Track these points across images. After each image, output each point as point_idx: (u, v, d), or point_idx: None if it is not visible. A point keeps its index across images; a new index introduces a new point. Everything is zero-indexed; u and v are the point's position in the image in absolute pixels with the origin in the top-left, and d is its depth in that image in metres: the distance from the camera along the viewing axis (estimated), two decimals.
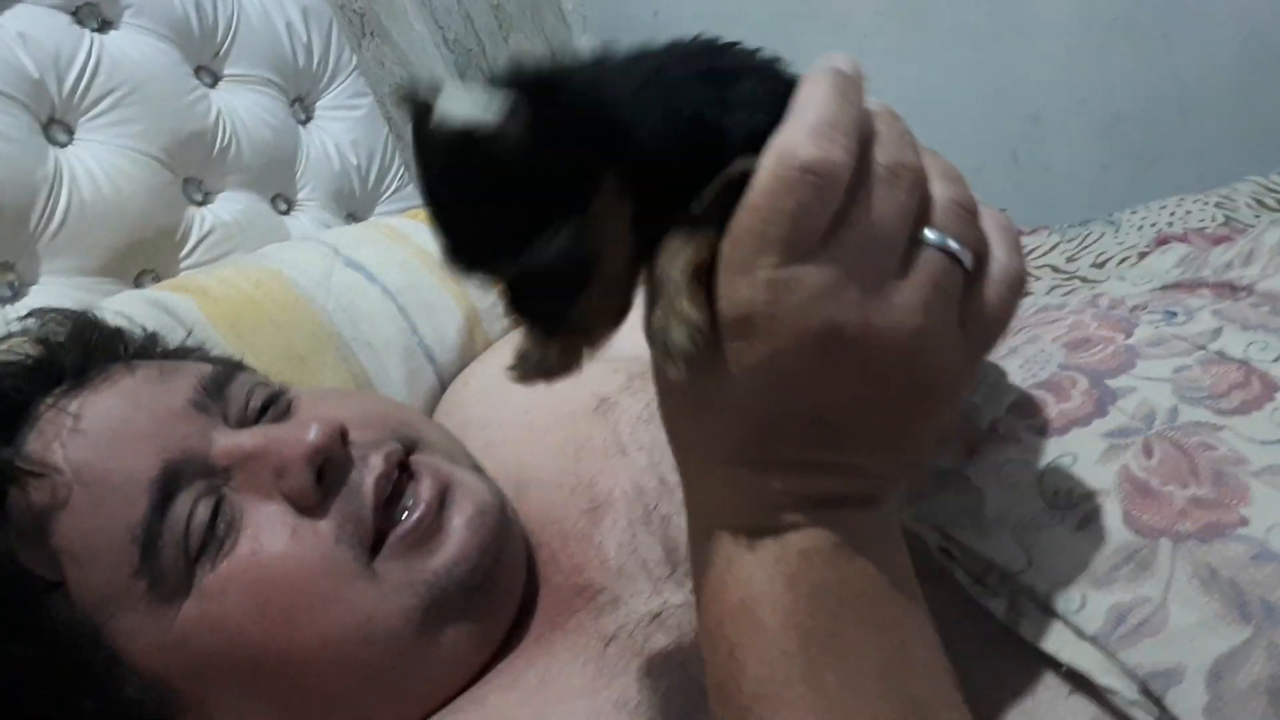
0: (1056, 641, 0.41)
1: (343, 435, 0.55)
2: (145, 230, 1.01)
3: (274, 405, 0.59)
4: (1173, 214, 1.02)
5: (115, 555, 0.50)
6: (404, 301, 0.90)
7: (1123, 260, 0.90)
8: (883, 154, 0.35)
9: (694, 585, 0.40)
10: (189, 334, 0.75)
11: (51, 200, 0.94)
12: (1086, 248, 1.00)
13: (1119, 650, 0.39)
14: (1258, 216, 0.98)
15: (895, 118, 0.37)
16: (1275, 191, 1.04)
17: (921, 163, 0.36)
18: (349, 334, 0.86)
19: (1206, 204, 1.02)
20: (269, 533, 0.52)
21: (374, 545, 0.54)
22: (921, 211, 0.36)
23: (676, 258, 0.34)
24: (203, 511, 0.52)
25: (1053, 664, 0.41)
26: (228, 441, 0.55)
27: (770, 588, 0.36)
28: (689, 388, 0.36)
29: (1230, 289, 0.54)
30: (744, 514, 0.38)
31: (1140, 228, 1.01)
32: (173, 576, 0.51)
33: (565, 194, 0.33)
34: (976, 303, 0.37)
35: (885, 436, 0.37)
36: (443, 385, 0.89)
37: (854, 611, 0.37)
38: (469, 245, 0.34)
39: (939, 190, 0.36)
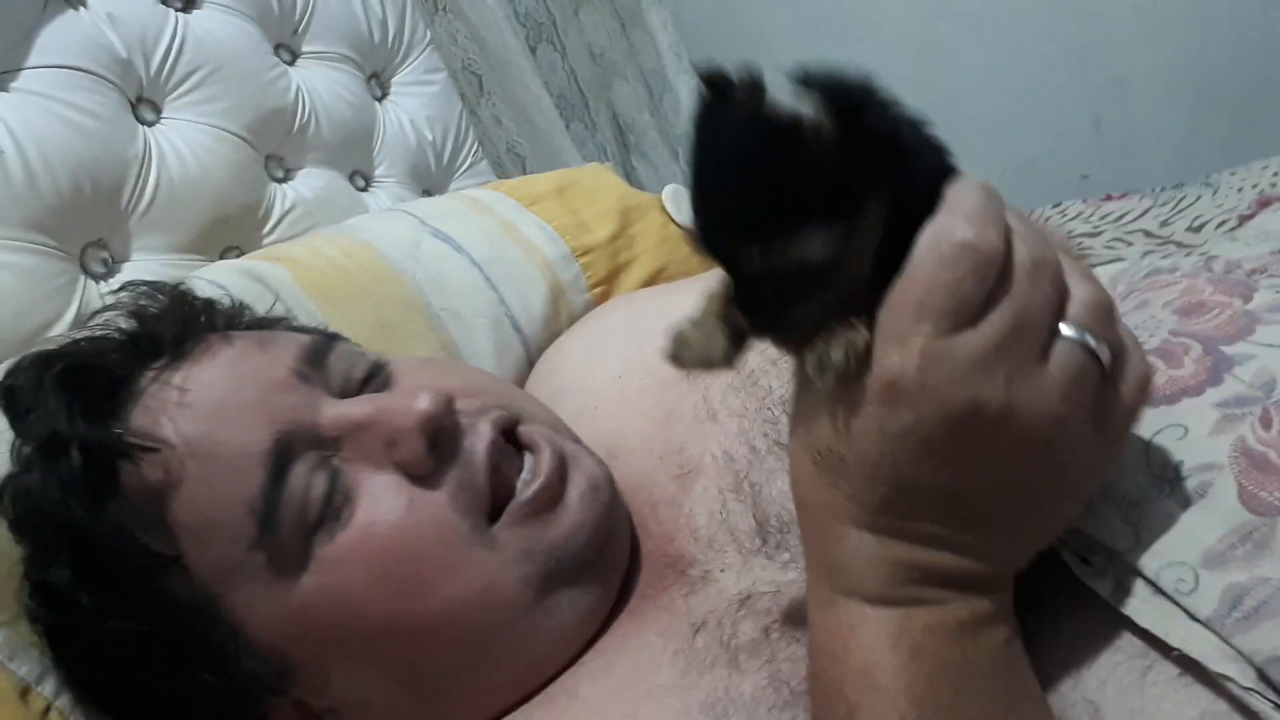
0: (1167, 625, 0.39)
1: (450, 404, 0.55)
2: (230, 207, 1.02)
3: (375, 377, 0.59)
4: (1276, 174, 0.97)
5: (233, 529, 0.50)
6: (491, 272, 0.90)
7: (1221, 224, 0.86)
8: (1024, 248, 0.37)
9: (811, 648, 0.42)
10: (275, 302, 0.76)
11: (141, 178, 0.96)
12: (1181, 211, 0.95)
13: (1234, 634, 0.38)
14: None
15: (1029, 221, 0.38)
16: None
17: (1059, 260, 0.38)
18: (438, 304, 0.86)
19: None
20: (385, 503, 0.52)
21: (491, 513, 0.54)
22: (1061, 305, 0.37)
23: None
24: (320, 483, 0.52)
25: (1163, 648, 0.39)
26: (335, 411, 0.55)
27: (895, 657, 0.38)
28: (829, 451, 0.38)
29: None
30: (869, 582, 0.39)
31: (1240, 189, 0.96)
32: (291, 548, 0.51)
33: (841, 199, 0.35)
34: (1110, 400, 0.38)
35: (1013, 522, 0.39)
36: (529, 356, 0.89)
37: (973, 689, 0.38)
38: (732, 225, 0.36)
39: (1079, 289, 0.38)
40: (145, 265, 0.96)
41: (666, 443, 0.62)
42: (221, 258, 1.01)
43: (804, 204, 0.35)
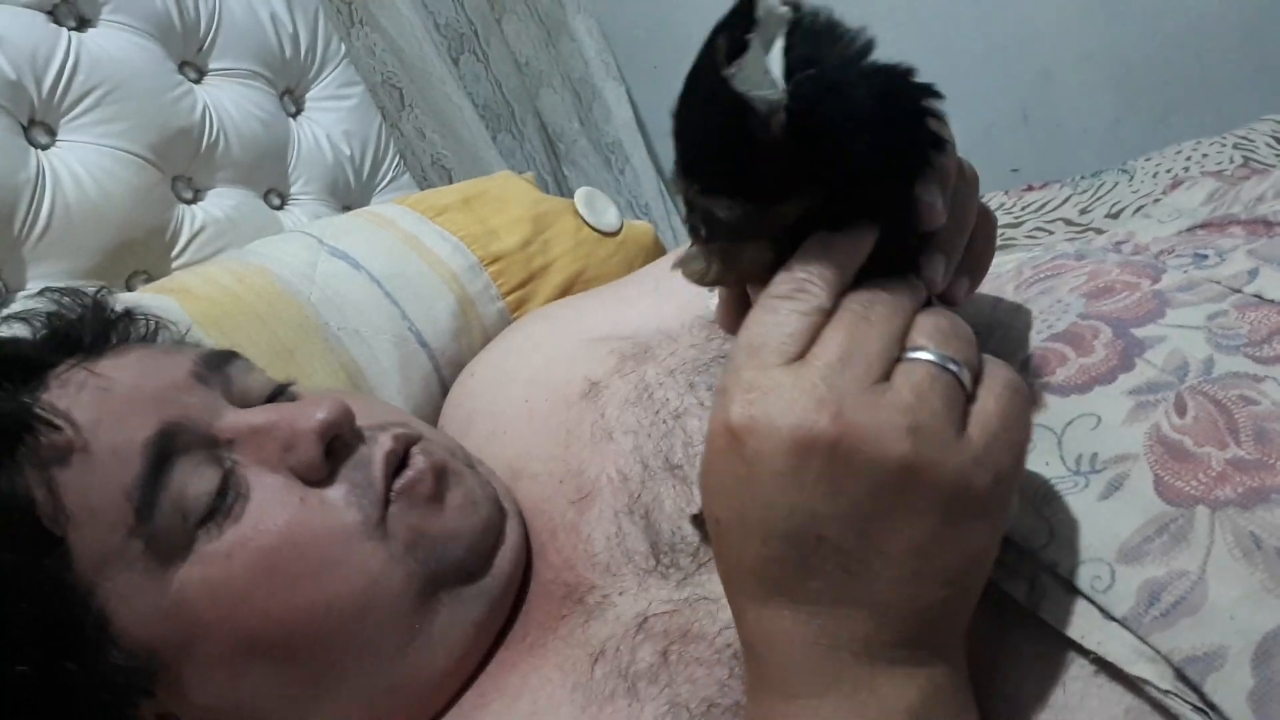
0: (1083, 625, 0.37)
1: (350, 414, 0.56)
2: (134, 230, 0.99)
3: (279, 396, 0.59)
4: (1188, 158, 0.98)
5: (111, 514, 0.49)
6: (391, 288, 0.88)
7: (1138, 209, 0.87)
8: (859, 293, 0.38)
9: None
10: (187, 331, 0.74)
11: (35, 203, 0.92)
12: (1100, 198, 0.96)
13: (1151, 633, 0.36)
14: (1279, 155, 0.94)
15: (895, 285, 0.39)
16: None
17: (901, 307, 0.38)
18: (336, 323, 0.84)
19: (1224, 145, 0.98)
20: (276, 501, 0.52)
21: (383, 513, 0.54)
22: (902, 332, 0.38)
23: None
24: (208, 478, 0.51)
25: (1081, 649, 0.38)
26: (235, 417, 0.55)
27: None
28: (711, 519, 0.38)
29: (1265, 225, 0.50)
30: (778, 669, 0.37)
31: (1155, 174, 0.97)
32: (170, 539, 0.50)
33: (771, 185, 0.37)
34: (977, 407, 0.36)
35: (905, 562, 0.35)
36: (438, 370, 0.87)
37: None
38: (685, 163, 0.38)
39: (925, 319, 0.38)
40: None
41: (566, 465, 0.61)
42: (128, 283, 0.98)
43: (730, 173, 0.36)
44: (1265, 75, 1.71)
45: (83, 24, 1.04)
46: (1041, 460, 0.42)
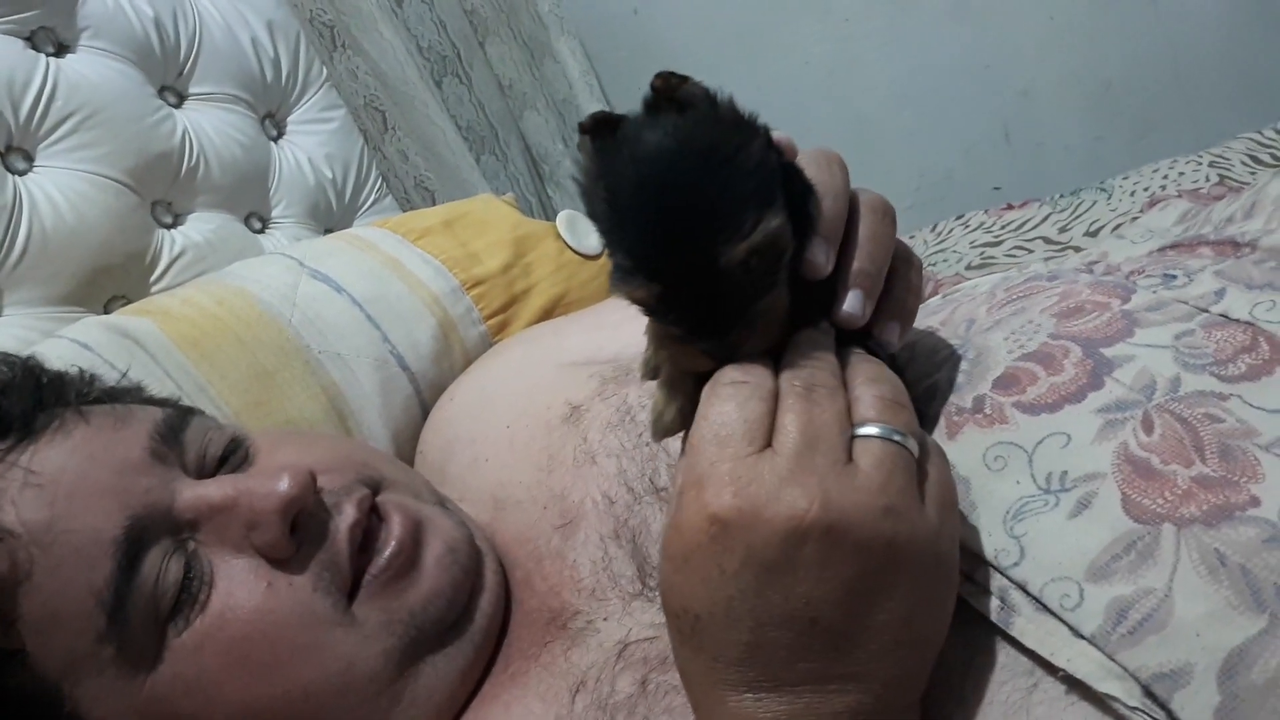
0: (1052, 643, 0.37)
1: (312, 483, 0.54)
2: (113, 256, 0.98)
3: (234, 454, 0.57)
4: (1165, 176, 0.99)
5: (79, 621, 0.47)
6: (373, 311, 0.87)
7: (1116, 227, 0.87)
8: (794, 374, 0.39)
9: None
10: (128, 370, 0.71)
11: (11, 230, 0.91)
12: (1079, 217, 0.97)
13: (1119, 651, 0.36)
14: (1253, 173, 0.95)
15: (813, 343, 0.41)
16: (1270, 146, 1.01)
17: (836, 378, 0.40)
18: (317, 346, 0.84)
19: (1200, 164, 0.99)
20: (243, 587, 0.50)
21: (353, 590, 0.53)
22: (846, 411, 0.39)
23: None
24: (174, 569, 0.49)
25: (1050, 665, 0.38)
26: (192, 494, 0.52)
27: None
28: (685, 612, 0.38)
29: (1232, 246, 0.51)
30: None
31: (1133, 193, 0.98)
32: (142, 639, 0.48)
33: (774, 188, 0.39)
34: (932, 479, 0.38)
35: (891, 634, 0.36)
36: (419, 393, 0.86)
37: None
38: (702, 227, 0.37)
39: (864, 390, 0.39)
40: (19, 320, 0.91)
41: (550, 490, 0.60)
42: (106, 308, 0.98)
43: (762, 192, 0.37)
44: (1241, 94, 1.73)
45: (61, 50, 1.04)
46: (1013, 479, 0.42)
